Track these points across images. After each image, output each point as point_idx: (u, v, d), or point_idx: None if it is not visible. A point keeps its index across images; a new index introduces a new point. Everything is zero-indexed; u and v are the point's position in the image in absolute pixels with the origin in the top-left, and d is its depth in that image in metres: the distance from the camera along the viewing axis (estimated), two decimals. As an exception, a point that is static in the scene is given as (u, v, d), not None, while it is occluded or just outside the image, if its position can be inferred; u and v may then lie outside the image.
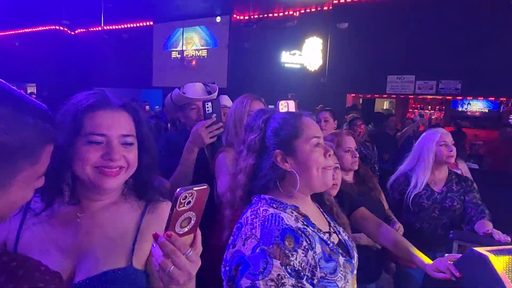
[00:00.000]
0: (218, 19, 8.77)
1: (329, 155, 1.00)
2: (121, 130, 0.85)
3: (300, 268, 0.84)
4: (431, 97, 7.55)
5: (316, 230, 0.97)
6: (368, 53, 6.88)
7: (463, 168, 2.95)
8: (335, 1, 7.30)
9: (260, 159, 1.01)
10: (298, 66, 7.60)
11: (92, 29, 10.72)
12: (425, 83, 6.51)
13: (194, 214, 0.66)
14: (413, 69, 6.60)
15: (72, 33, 11.36)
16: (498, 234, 1.72)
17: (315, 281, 0.86)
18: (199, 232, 0.69)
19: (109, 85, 10.00)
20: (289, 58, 7.59)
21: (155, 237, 0.64)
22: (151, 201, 0.94)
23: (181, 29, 9.70)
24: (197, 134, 1.63)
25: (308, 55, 7.60)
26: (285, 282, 0.81)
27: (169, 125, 3.52)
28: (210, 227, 1.80)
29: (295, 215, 0.96)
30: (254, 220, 0.92)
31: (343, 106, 7.04)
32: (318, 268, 0.87)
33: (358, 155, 1.96)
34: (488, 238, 1.72)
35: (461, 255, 1.29)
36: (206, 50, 9.46)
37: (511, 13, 5.52)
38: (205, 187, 0.65)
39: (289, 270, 0.82)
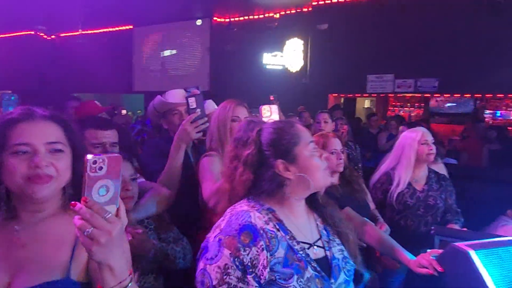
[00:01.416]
0: (199, 22, 8.72)
1: (324, 157, 1.04)
2: (46, 138, 0.86)
3: (249, 264, 0.88)
4: (410, 95, 7.72)
5: (288, 237, 0.98)
6: (348, 53, 6.99)
7: (439, 169, 3.02)
8: (314, 3, 7.38)
9: (259, 172, 1.01)
10: (280, 67, 7.65)
11: (70, 34, 10.48)
12: (403, 82, 6.66)
13: (111, 182, 0.68)
14: (392, 68, 6.74)
15: (49, 38, 11.08)
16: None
17: (262, 281, 0.89)
18: (122, 205, 0.71)
19: (89, 90, 9.80)
20: (270, 60, 7.63)
21: (73, 205, 0.68)
22: None
23: (162, 32, 9.61)
24: (183, 130, 1.65)
25: (290, 56, 7.65)
26: (230, 272, 0.87)
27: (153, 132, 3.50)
28: (196, 232, 1.80)
29: (268, 217, 0.98)
30: (227, 214, 0.99)
31: (325, 106, 7.12)
32: (268, 270, 0.90)
33: (343, 157, 1.99)
34: (469, 233, 1.77)
35: (442, 250, 1.33)
36: (187, 54, 9.40)
37: (485, 12, 5.72)
38: (117, 155, 0.69)
39: (237, 263, 0.88)
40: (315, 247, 1.03)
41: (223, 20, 8.51)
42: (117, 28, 10.08)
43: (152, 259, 1.42)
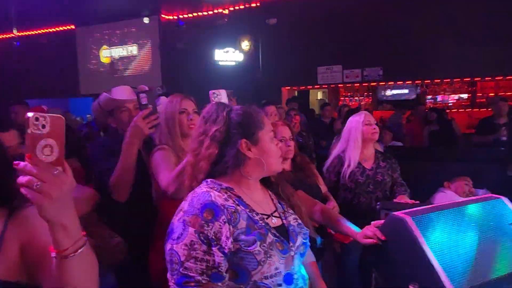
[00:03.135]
0: (146, 20, 8.46)
1: (279, 146, 1.19)
2: None
3: (213, 237, 0.96)
4: (358, 84, 8.10)
5: (248, 210, 1.07)
6: (297, 46, 7.17)
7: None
8: (262, -2, 7.48)
9: (224, 148, 1.09)
10: (233, 63, 7.67)
11: (3, 35, 9.71)
12: (351, 72, 6.97)
13: (54, 142, 0.66)
14: (340, 59, 7.03)
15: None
16: (406, 200, 2.07)
17: (226, 250, 0.98)
18: (69, 168, 0.69)
19: (30, 96, 9.15)
20: (223, 56, 7.61)
21: (16, 164, 0.64)
22: (15, 208, 0.89)
23: (107, 32, 9.22)
24: (135, 126, 1.62)
25: (242, 51, 7.70)
26: (196, 248, 0.95)
27: (101, 133, 3.38)
28: (153, 230, 1.79)
29: (228, 195, 1.07)
30: (189, 197, 1.06)
31: (279, 99, 7.27)
32: (232, 240, 0.99)
33: (291, 144, 2.06)
34: (409, 205, 1.93)
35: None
36: (136, 53, 9.11)
37: (422, 3, 6.15)
38: (59, 115, 0.68)
39: (202, 238, 0.95)
40: (272, 217, 1.13)
41: (171, 17, 8.34)
42: (57, 29, 9.50)
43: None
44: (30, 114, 0.65)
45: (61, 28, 9.50)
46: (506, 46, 5.83)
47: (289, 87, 7.92)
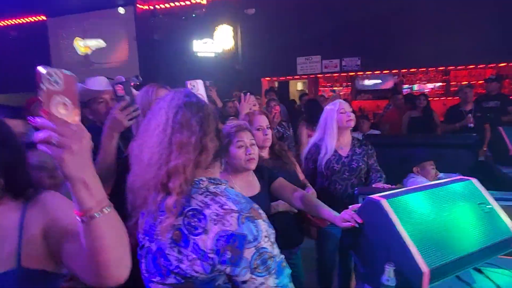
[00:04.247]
0: (122, 10, 8.23)
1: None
2: None
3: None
4: (337, 74, 8.19)
5: None
6: (276, 37, 7.17)
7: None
8: (240, -13, 7.41)
9: (219, 140, 1.02)
10: (212, 54, 7.59)
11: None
12: (330, 62, 7.04)
13: (69, 102, 0.65)
14: (319, 49, 7.08)
15: None
16: (382, 185, 2.12)
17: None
18: (83, 126, 0.68)
19: (1, 90, 8.81)
20: (201, 47, 7.52)
21: (32, 121, 0.64)
22: (31, 197, 0.90)
23: (81, 23, 8.92)
24: (114, 119, 1.57)
25: (221, 42, 7.62)
26: (270, 234, 0.93)
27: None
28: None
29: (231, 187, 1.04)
30: (216, 199, 0.92)
31: (259, 90, 7.28)
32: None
33: (268, 133, 2.07)
34: (385, 190, 1.99)
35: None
36: (112, 45, 8.86)
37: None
38: (71, 74, 0.67)
39: (268, 224, 0.94)
40: None
41: (147, 7, 8.14)
42: (27, 19, 9.12)
43: None
44: (42, 70, 0.64)
45: (31, 19, 9.12)
46: (477, 36, 6.04)
47: (269, 78, 7.93)
